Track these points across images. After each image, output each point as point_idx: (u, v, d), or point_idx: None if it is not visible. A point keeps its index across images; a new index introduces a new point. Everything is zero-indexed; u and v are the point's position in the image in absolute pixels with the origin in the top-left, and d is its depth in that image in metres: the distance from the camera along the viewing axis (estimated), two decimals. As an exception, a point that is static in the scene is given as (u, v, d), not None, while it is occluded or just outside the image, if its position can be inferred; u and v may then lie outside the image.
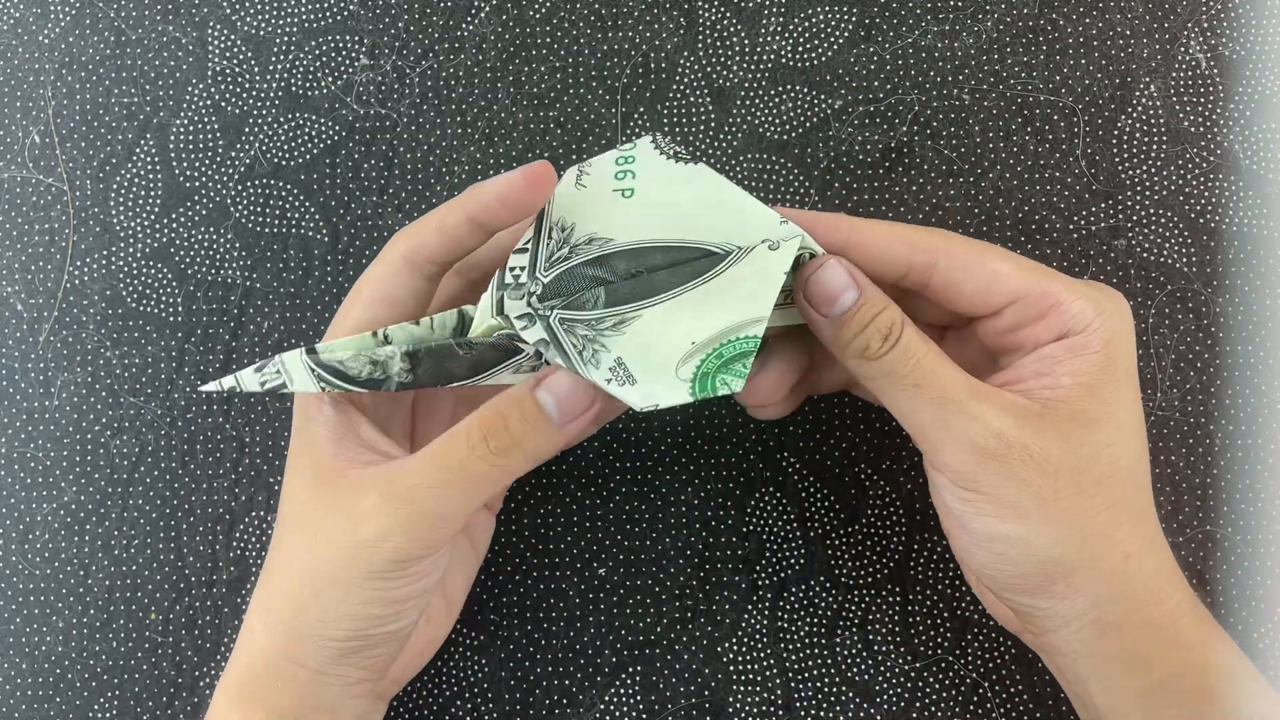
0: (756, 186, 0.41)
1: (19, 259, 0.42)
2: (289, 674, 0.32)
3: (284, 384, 0.32)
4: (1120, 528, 0.30)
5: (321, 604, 0.31)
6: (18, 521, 0.41)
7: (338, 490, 0.31)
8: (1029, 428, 0.29)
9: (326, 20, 0.42)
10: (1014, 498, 0.30)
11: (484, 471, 0.30)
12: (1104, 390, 0.30)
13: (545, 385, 0.30)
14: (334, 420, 0.32)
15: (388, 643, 0.32)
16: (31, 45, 0.42)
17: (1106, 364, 0.30)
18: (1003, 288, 0.31)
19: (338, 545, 0.30)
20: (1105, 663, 0.31)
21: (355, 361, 0.31)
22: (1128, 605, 0.30)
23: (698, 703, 0.40)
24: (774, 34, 0.42)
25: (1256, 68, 0.42)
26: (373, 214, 0.42)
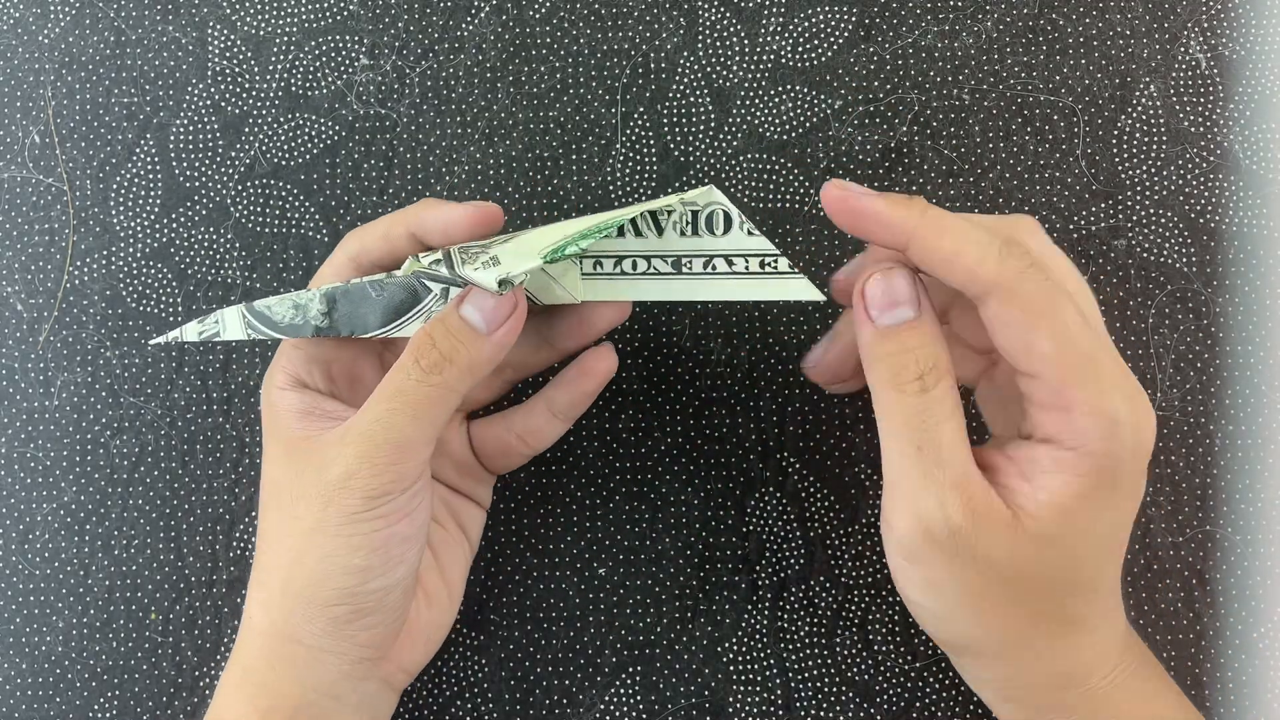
0: (756, 186, 0.41)
1: (19, 259, 0.42)
2: (288, 655, 0.32)
3: (218, 333, 0.33)
4: (1039, 630, 0.30)
5: (306, 567, 0.31)
6: (18, 521, 0.41)
7: (305, 453, 0.32)
8: (987, 533, 0.29)
9: (326, 20, 0.42)
10: (939, 579, 0.30)
11: (424, 393, 0.30)
12: (1075, 516, 0.29)
13: (468, 300, 0.31)
14: (297, 401, 0.33)
15: (379, 607, 0.32)
16: (31, 45, 0.42)
17: (1089, 491, 0.29)
18: (1031, 365, 0.29)
19: (309, 500, 0.31)
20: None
21: (280, 305, 0.33)
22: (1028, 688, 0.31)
23: (698, 703, 0.40)
24: (774, 34, 0.42)
25: (1256, 68, 0.42)
26: (372, 214, 0.42)
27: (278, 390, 0.34)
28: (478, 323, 0.31)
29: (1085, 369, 0.28)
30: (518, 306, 0.31)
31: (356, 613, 0.31)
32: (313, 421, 0.33)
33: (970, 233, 0.29)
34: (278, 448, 0.33)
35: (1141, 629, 0.40)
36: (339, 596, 0.31)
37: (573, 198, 0.42)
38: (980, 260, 0.28)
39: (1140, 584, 0.40)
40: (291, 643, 0.32)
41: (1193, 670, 0.40)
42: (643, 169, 0.42)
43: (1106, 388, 0.28)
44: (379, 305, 0.32)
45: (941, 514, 0.29)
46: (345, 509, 0.30)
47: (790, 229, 0.41)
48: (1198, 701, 0.39)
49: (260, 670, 0.32)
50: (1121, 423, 0.28)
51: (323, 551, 0.31)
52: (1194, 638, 0.40)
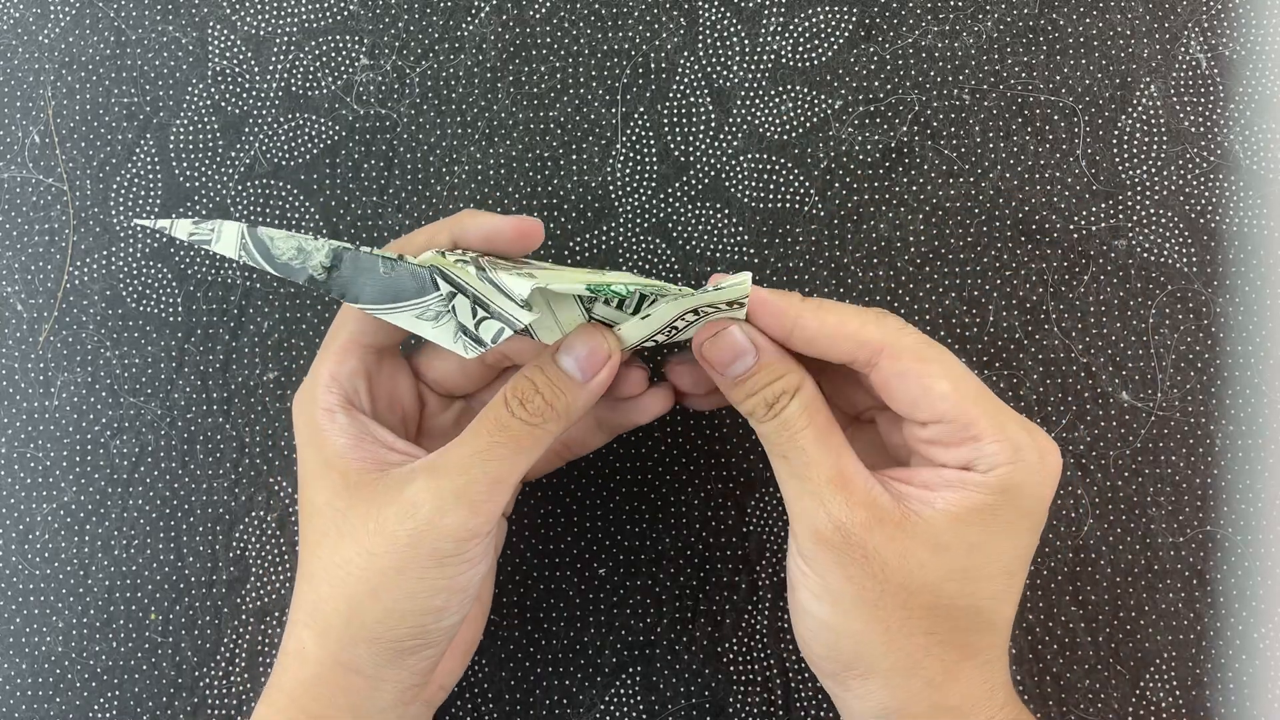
0: (756, 186, 0.41)
1: (19, 259, 0.42)
2: (344, 684, 0.31)
3: (209, 241, 0.32)
4: (931, 655, 0.30)
5: (380, 603, 0.31)
6: (18, 521, 0.41)
7: (377, 489, 0.31)
8: (878, 531, 0.29)
9: (326, 20, 0.42)
10: (836, 587, 0.30)
11: (525, 432, 0.31)
12: (970, 528, 0.29)
13: (563, 349, 0.32)
14: (349, 426, 0.33)
15: (443, 639, 0.32)
16: (31, 45, 0.42)
17: (989, 509, 0.29)
18: (933, 407, 0.30)
19: (392, 537, 0.30)
20: None
21: (285, 242, 0.31)
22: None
23: (698, 703, 0.40)
24: (774, 34, 0.42)
25: (1256, 68, 0.42)
26: (373, 214, 0.42)
27: (324, 411, 0.33)
28: (574, 371, 0.32)
29: (984, 401, 0.30)
30: (611, 357, 0.32)
31: (423, 645, 0.32)
32: (369, 450, 0.32)
33: (845, 307, 0.31)
34: (335, 477, 0.32)
35: (1141, 629, 0.40)
36: (410, 634, 0.31)
37: (573, 198, 0.42)
38: (862, 326, 0.31)
39: (1140, 584, 0.40)
40: (351, 673, 0.31)
41: (1193, 670, 0.40)
42: (643, 169, 0.42)
43: (1007, 419, 0.30)
44: (381, 282, 0.32)
45: (824, 512, 0.29)
46: (437, 551, 0.30)
47: (790, 229, 0.41)
48: (1198, 701, 0.39)
49: (310, 698, 0.32)
50: (1025, 448, 0.29)
51: (403, 592, 0.30)
52: (1194, 638, 0.40)
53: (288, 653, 0.32)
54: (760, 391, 0.31)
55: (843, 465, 0.30)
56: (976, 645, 0.30)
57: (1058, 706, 0.39)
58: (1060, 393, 0.41)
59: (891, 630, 0.29)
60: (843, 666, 0.31)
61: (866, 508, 0.29)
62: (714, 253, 0.41)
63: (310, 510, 0.33)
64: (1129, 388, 0.41)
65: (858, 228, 0.41)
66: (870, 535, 0.29)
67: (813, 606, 0.31)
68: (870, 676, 0.30)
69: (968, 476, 0.30)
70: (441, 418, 0.37)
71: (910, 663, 0.30)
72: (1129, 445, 0.40)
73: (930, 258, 0.41)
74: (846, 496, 0.29)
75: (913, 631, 0.29)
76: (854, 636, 0.30)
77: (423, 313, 0.32)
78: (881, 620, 0.29)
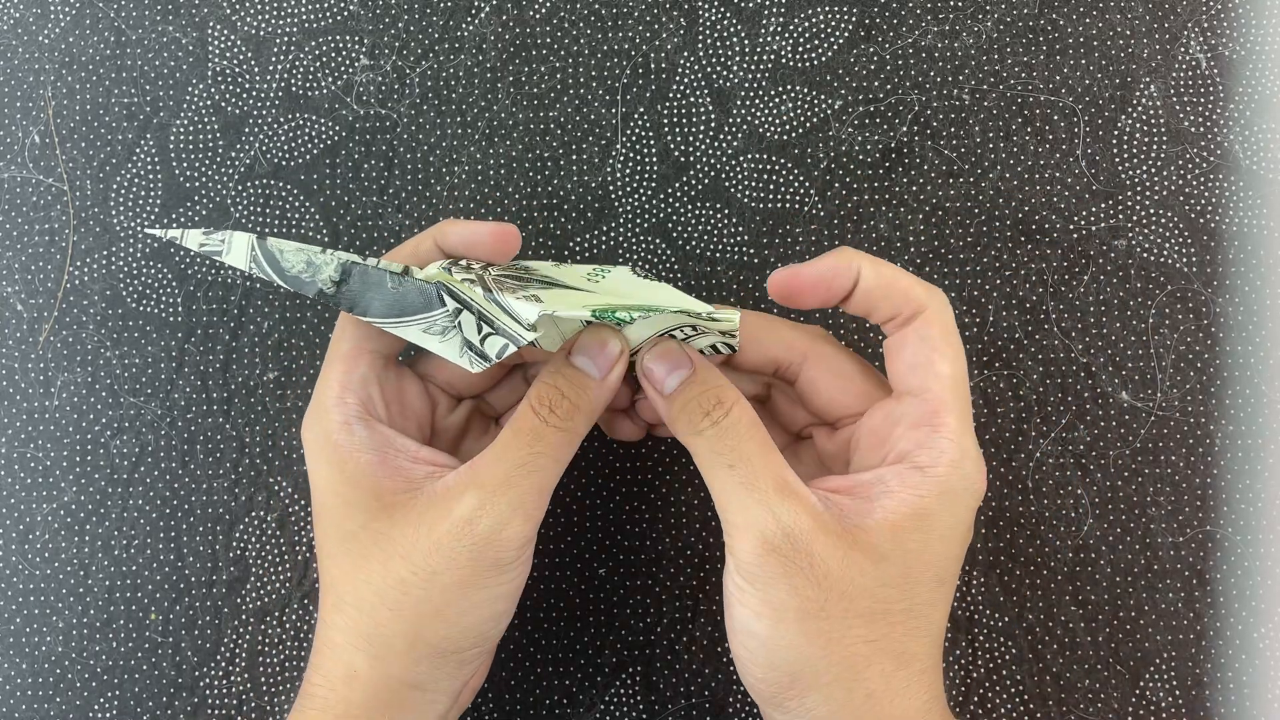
0: (756, 187, 0.41)
1: (19, 259, 0.42)
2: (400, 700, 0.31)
3: (220, 253, 0.32)
4: (873, 665, 0.30)
5: (447, 621, 0.31)
6: (18, 521, 0.41)
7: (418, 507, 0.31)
8: (822, 537, 0.29)
9: (326, 20, 0.42)
10: (779, 600, 0.30)
11: (560, 436, 0.32)
12: (909, 535, 0.30)
13: (576, 351, 0.33)
14: (370, 440, 0.32)
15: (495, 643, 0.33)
16: (31, 45, 0.42)
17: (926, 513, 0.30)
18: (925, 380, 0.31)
19: (450, 554, 0.31)
20: None
21: (294, 255, 0.32)
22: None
23: (698, 703, 0.40)
24: (774, 34, 0.42)
25: (1256, 68, 0.42)
26: (373, 214, 0.42)
27: (340, 426, 0.32)
28: (590, 370, 0.33)
29: (964, 406, 0.32)
30: (622, 353, 0.33)
31: (482, 654, 0.32)
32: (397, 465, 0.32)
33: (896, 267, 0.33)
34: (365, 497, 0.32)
35: (1141, 629, 0.40)
36: (477, 642, 0.32)
37: (573, 198, 0.42)
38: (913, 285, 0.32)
39: (1140, 584, 0.40)
40: (410, 689, 0.31)
41: (1193, 670, 0.40)
42: (643, 169, 0.42)
43: (969, 430, 0.31)
44: (390, 297, 0.32)
45: (774, 519, 0.30)
46: (499, 562, 0.31)
47: (790, 229, 0.41)
48: (1198, 701, 0.39)
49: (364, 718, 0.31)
50: (969, 458, 0.31)
51: (470, 604, 0.31)
52: (1194, 638, 0.40)
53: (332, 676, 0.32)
54: (696, 397, 0.32)
55: (787, 476, 0.31)
56: (913, 652, 0.30)
57: (1058, 706, 0.39)
58: (1060, 393, 0.41)
59: (833, 640, 0.29)
60: (782, 687, 0.30)
61: (811, 515, 0.30)
62: (714, 253, 0.41)
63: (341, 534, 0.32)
64: (1129, 388, 0.41)
65: (858, 228, 0.41)
66: (815, 542, 0.29)
67: (752, 625, 0.30)
68: (810, 692, 0.30)
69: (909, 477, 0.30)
70: (451, 418, 0.37)
71: (851, 674, 0.30)
72: (1129, 445, 0.40)
73: (930, 258, 0.41)
74: (794, 503, 0.30)
75: (853, 640, 0.29)
76: (794, 649, 0.30)
77: (429, 327, 0.32)
78: (823, 631, 0.29)
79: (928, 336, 0.32)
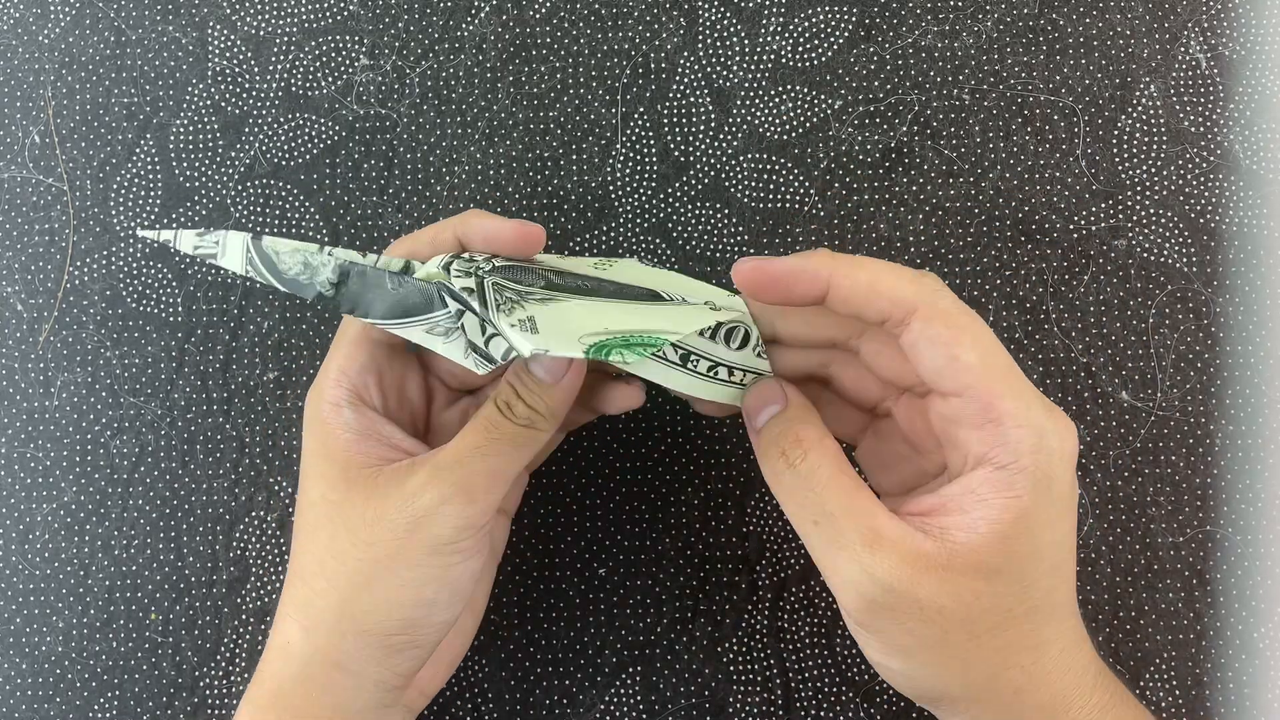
0: (756, 187, 0.41)
1: (19, 259, 0.42)
2: (326, 681, 0.31)
3: (215, 255, 0.32)
4: (1010, 667, 0.30)
5: (372, 593, 0.31)
6: (18, 521, 0.41)
7: (376, 481, 0.32)
8: (925, 579, 0.28)
9: (326, 20, 0.42)
10: (901, 643, 0.30)
11: (518, 430, 0.32)
12: (1017, 540, 0.28)
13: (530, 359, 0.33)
14: (354, 422, 0.33)
15: (430, 639, 0.32)
16: (31, 45, 0.42)
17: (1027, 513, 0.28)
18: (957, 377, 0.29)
19: (391, 525, 0.31)
20: None
21: (290, 257, 0.32)
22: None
23: (698, 703, 0.40)
24: (774, 34, 0.42)
25: (1256, 68, 0.42)
26: (373, 214, 0.42)
27: (331, 407, 0.33)
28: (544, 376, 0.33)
29: (1010, 379, 0.29)
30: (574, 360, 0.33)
31: (410, 644, 0.32)
32: (373, 445, 0.33)
33: (882, 264, 0.31)
34: (333, 469, 0.32)
35: (1142, 629, 0.40)
36: (401, 627, 0.31)
37: (573, 198, 0.42)
38: (898, 283, 0.30)
39: (1140, 584, 0.40)
40: (335, 669, 0.31)
41: (1193, 670, 0.40)
42: (643, 169, 0.42)
43: (1031, 398, 0.29)
44: (390, 298, 0.32)
45: (868, 577, 0.29)
46: (433, 537, 0.31)
47: (790, 229, 0.41)
48: (1198, 701, 0.39)
49: (293, 695, 0.32)
50: (1049, 431, 0.29)
51: (397, 580, 0.31)
52: (1194, 638, 0.40)
53: (273, 648, 0.33)
54: (777, 435, 0.31)
55: (875, 522, 0.29)
56: (1048, 637, 0.30)
57: (1058, 706, 0.39)
58: (1060, 393, 0.41)
59: (967, 661, 0.29)
60: (934, 700, 0.31)
61: (909, 561, 0.29)
62: (714, 253, 0.41)
63: (305, 505, 0.33)
64: (1129, 388, 0.41)
65: (858, 228, 0.41)
66: (919, 586, 0.28)
67: (886, 661, 0.31)
68: (959, 703, 0.30)
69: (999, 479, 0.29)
70: (448, 414, 0.37)
71: (992, 680, 0.30)
72: (1129, 445, 0.40)
73: (930, 258, 0.41)
74: (886, 554, 0.29)
75: (985, 655, 0.29)
76: (930, 679, 0.30)
77: (432, 328, 0.32)
78: (954, 656, 0.29)
79: (934, 336, 0.29)
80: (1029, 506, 0.28)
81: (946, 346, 0.29)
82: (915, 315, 0.30)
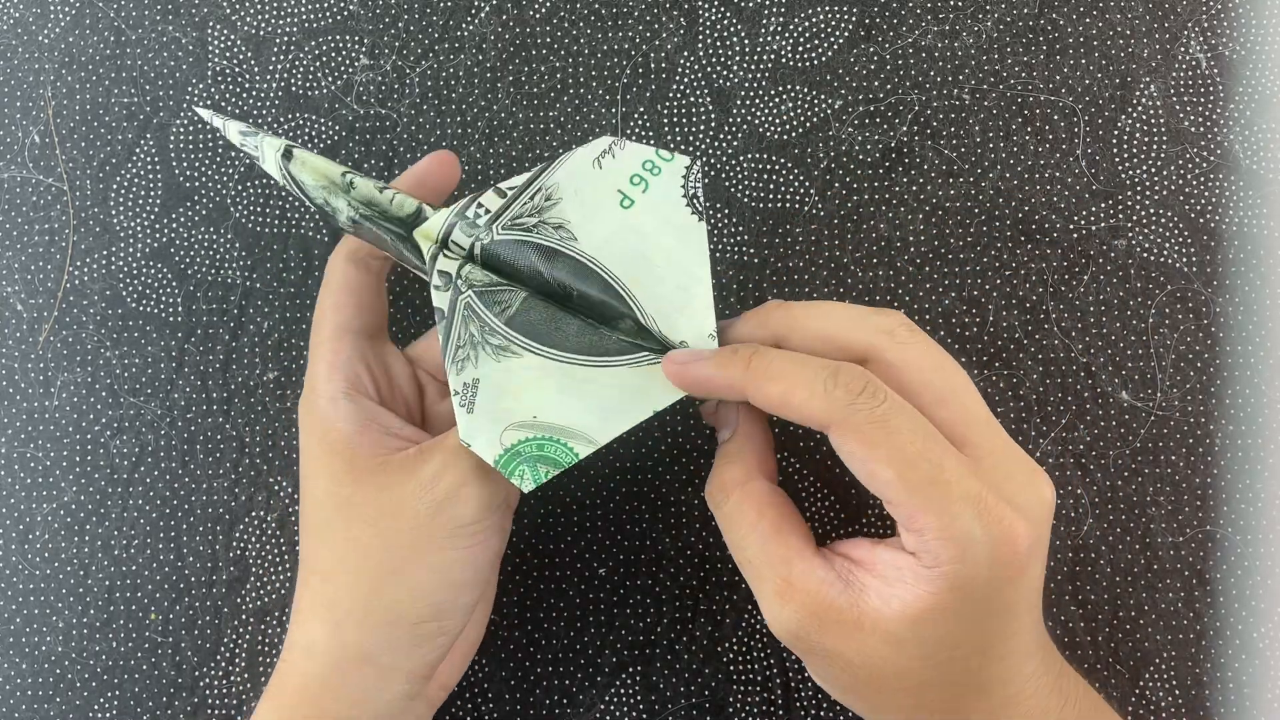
0: (756, 186, 0.41)
1: (19, 259, 0.42)
2: (356, 676, 0.31)
3: (258, 159, 0.33)
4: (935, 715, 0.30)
5: (399, 581, 0.31)
6: (18, 521, 0.41)
7: (388, 471, 0.32)
8: (831, 631, 0.29)
9: (326, 20, 0.42)
10: (821, 675, 0.31)
11: None
12: (926, 626, 0.28)
13: None
14: (354, 413, 0.33)
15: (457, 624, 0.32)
16: (31, 45, 0.42)
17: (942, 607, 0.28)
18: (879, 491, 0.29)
19: (411, 512, 0.31)
20: None
21: (315, 191, 0.33)
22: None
23: (698, 703, 0.40)
24: (774, 34, 0.42)
25: (1256, 68, 0.42)
26: (373, 214, 0.42)
27: (329, 401, 0.33)
28: None
29: (928, 493, 0.28)
30: None
31: (439, 630, 0.32)
32: (376, 436, 0.32)
33: (796, 373, 0.29)
34: (338, 463, 0.32)
35: (1141, 629, 0.40)
36: (432, 612, 0.31)
37: (573, 198, 0.42)
38: (808, 399, 0.29)
39: (1140, 584, 0.40)
40: (365, 663, 0.31)
41: (1193, 670, 0.40)
42: (643, 169, 0.42)
43: (955, 510, 0.28)
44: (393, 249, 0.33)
45: (778, 617, 0.30)
46: (456, 518, 0.31)
47: (790, 229, 0.41)
48: (1198, 701, 0.39)
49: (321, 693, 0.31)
50: (974, 542, 0.27)
51: (426, 566, 0.31)
52: (1194, 638, 0.40)
53: (294, 648, 0.32)
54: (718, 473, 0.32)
55: (791, 571, 0.29)
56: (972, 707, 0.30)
57: (1058, 706, 0.39)
58: (1060, 393, 0.41)
59: (880, 706, 0.30)
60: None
61: (817, 614, 0.29)
62: (714, 252, 0.41)
63: (311, 502, 0.33)
64: (1129, 388, 0.41)
65: (858, 228, 0.41)
66: (825, 638, 0.29)
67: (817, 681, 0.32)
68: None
69: (920, 572, 0.28)
70: (443, 404, 0.37)
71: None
72: (1129, 445, 0.40)
73: (930, 258, 0.41)
74: (796, 605, 0.29)
75: (901, 705, 0.30)
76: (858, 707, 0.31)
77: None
78: (873, 702, 0.30)
79: (849, 452, 0.29)
80: (945, 604, 0.28)
81: (862, 463, 0.28)
82: (830, 431, 0.29)
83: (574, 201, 0.33)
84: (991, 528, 0.28)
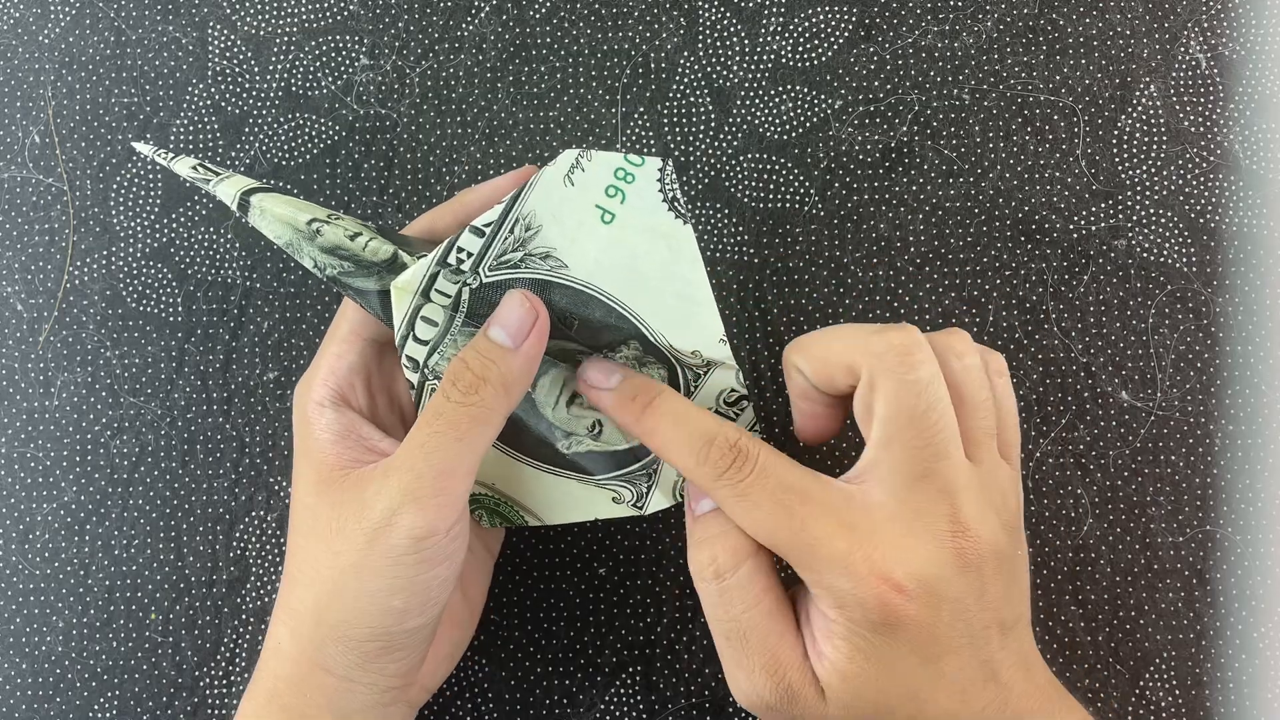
0: (756, 186, 0.41)
1: (19, 259, 0.42)
2: (317, 683, 0.31)
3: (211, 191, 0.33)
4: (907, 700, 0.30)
5: (342, 602, 0.31)
6: (18, 521, 0.41)
7: (344, 487, 0.31)
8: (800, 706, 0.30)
9: (326, 20, 0.42)
10: None
11: (463, 413, 0.30)
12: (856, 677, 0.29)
13: (492, 322, 0.32)
14: (334, 422, 0.33)
15: (411, 643, 0.32)
16: (31, 45, 0.42)
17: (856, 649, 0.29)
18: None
19: (351, 537, 0.30)
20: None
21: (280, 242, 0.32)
22: None
23: (698, 703, 0.40)
24: (774, 34, 0.42)
25: (1256, 68, 0.42)
26: (373, 214, 0.42)
27: (315, 405, 0.33)
28: (504, 340, 0.31)
29: (797, 557, 0.29)
30: (539, 318, 0.32)
31: (388, 649, 0.31)
32: (348, 448, 0.32)
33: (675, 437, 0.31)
34: (311, 473, 0.32)
35: (1141, 629, 0.40)
36: (373, 635, 0.31)
37: (573, 198, 0.42)
38: (682, 464, 0.31)
39: (1140, 584, 0.40)
40: (322, 671, 0.31)
41: (1193, 670, 0.40)
42: (643, 169, 0.42)
43: (821, 569, 0.29)
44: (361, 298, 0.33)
45: (755, 692, 0.30)
46: (391, 550, 0.30)
47: (790, 229, 0.41)
48: (1198, 701, 0.39)
49: (288, 695, 0.32)
50: (851, 597, 0.28)
51: (363, 589, 0.30)
52: (1194, 638, 0.40)
53: (268, 649, 0.33)
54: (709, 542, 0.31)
55: (778, 650, 0.30)
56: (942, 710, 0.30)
57: (1058, 706, 0.39)
58: (1060, 393, 0.41)
59: None
60: None
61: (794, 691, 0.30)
62: (714, 252, 0.41)
63: (294, 501, 0.33)
64: (1129, 388, 0.41)
65: (858, 228, 0.41)
66: (795, 711, 0.30)
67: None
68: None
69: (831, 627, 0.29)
70: None
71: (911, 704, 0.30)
72: (1129, 445, 0.40)
73: (930, 258, 0.41)
74: (776, 684, 0.30)
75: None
76: None
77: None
78: None
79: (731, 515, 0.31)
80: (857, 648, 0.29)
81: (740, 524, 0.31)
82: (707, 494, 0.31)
83: (555, 227, 0.32)
84: (859, 586, 0.28)
